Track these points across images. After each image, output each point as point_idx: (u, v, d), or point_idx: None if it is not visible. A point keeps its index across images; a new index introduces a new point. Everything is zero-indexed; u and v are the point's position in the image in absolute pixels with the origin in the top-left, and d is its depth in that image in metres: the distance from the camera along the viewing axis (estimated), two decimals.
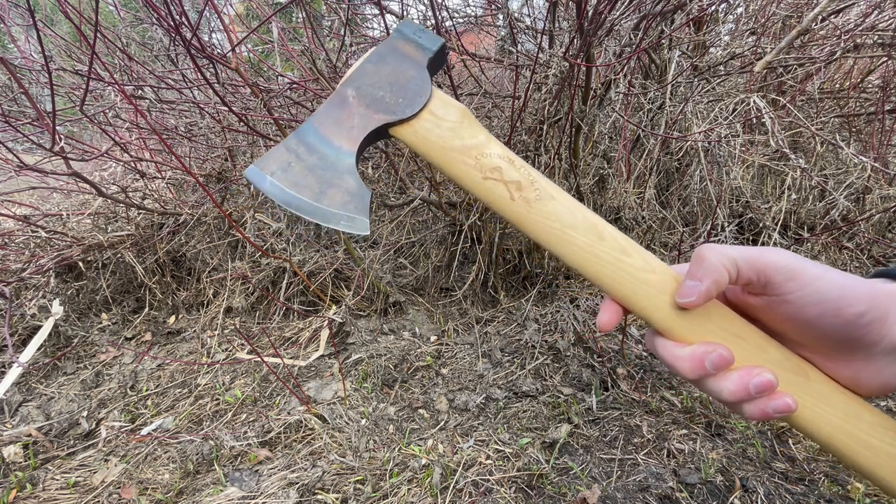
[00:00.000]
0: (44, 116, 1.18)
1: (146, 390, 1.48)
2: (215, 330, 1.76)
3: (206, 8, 1.36)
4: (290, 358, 1.61)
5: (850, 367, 0.33)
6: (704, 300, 0.33)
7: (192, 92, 1.88)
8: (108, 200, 1.70)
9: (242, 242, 1.94)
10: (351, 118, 0.43)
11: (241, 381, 1.49)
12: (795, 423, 0.34)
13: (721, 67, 1.86)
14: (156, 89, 1.82)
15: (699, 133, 1.64)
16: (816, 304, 0.31)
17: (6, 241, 1.73)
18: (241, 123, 1.43)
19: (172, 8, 1.13)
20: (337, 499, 1.04)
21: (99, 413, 1.39)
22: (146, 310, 1.90)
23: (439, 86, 1.87)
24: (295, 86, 1.60)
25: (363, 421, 1.29)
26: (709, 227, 1.64)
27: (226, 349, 1.68)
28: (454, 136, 0.42)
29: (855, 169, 1.95)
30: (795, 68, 1.85)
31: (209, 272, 1.90)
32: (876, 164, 1.71)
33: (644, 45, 1.47)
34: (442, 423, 1.29)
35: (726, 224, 1.70)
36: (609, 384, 1.39)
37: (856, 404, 0.33)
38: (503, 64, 1.69)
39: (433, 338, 1.69)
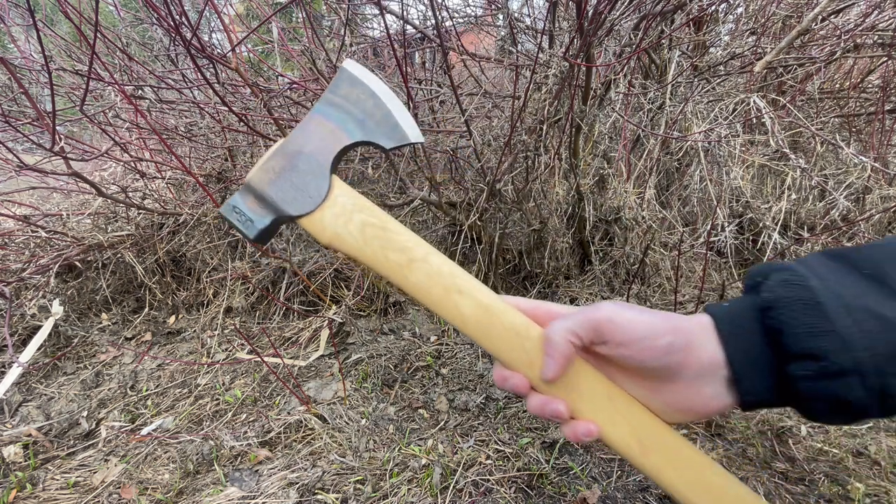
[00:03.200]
0: (44, 116, 1.18)
1: (146, 390, 1.48)
2: (215, 330, 1.76)
3: (206, 8, 1.36)
4: (290, 358, 1.60)
5: (679, 393, 0.39)
6: (562, 371, 0.40)
7: (192, 92, 1.88)
8: (108, 200, 1.70)
9: (242, 242, 1.94)
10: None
11: (241, 381, 1.49)
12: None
13: (721, 67, 1.86)
14: (156, 89, 1.82)
15: (699, 133, 1.64)
16: (636, 341, 0.38)
17: (6, 241, 1.73)
18: (241, 123, 1.43)
19: (172, 8, 1.13)
20: (337, 499, 1.04)
21: (99, 413, 1.39)
22: (146, 310, 1.90)
23: (439, 86, 1.87)
24: (295, 86, 1.60)
25: (363, 421, 1.29)
26: (709, 227, 1.64)
27: (226, 349, 1.68)
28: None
29: (855, 169, 1.95)
30: (795, 68, 1.85)
31: (209, 272, 1.90)
32: (876, 164, 1.70)
33: (644, 45, 1.47)
34: (442, 423, 1.29)
35: (726, 224, 1.69)
36: None
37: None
38: (503, 64, 1.69)
39: (433, 338, 1.69)
